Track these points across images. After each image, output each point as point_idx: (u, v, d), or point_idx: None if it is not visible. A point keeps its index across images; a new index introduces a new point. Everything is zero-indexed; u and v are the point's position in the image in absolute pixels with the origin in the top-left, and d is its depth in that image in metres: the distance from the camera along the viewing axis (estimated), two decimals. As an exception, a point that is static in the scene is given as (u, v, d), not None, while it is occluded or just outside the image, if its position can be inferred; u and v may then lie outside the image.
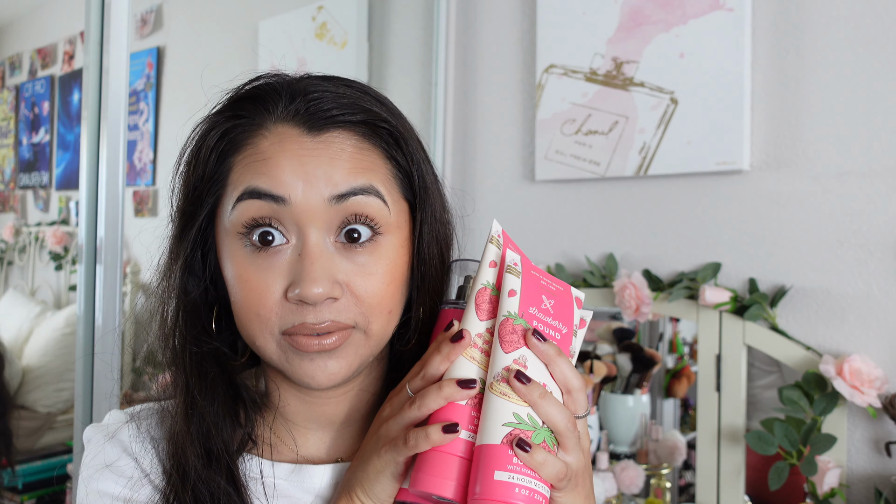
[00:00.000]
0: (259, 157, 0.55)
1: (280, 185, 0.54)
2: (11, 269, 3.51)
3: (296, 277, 0.54)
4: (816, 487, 1.15)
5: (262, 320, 0.55)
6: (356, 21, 2.04)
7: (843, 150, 1.22)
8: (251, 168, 0.55)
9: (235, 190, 0.56)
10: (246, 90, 0.60)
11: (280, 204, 0.54)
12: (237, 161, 0.57)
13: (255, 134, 0.57)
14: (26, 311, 3.04)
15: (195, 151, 0.60)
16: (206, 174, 0.58)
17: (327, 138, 0.56)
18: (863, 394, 1.12)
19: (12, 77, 3.76)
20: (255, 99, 0.59)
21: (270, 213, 0.54)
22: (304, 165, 0.54)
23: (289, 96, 0.58)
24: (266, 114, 0.58)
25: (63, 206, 3.30)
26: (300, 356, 0.55)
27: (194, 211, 0.59)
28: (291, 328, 0.54)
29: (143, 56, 2.85)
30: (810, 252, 1.25)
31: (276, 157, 0.55)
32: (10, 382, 2.67)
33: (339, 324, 0.55)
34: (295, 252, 0.55)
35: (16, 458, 2.24)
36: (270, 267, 0.55)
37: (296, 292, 0.53)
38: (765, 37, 1.30)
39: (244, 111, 0.58)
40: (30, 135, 3.60)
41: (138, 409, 0.64)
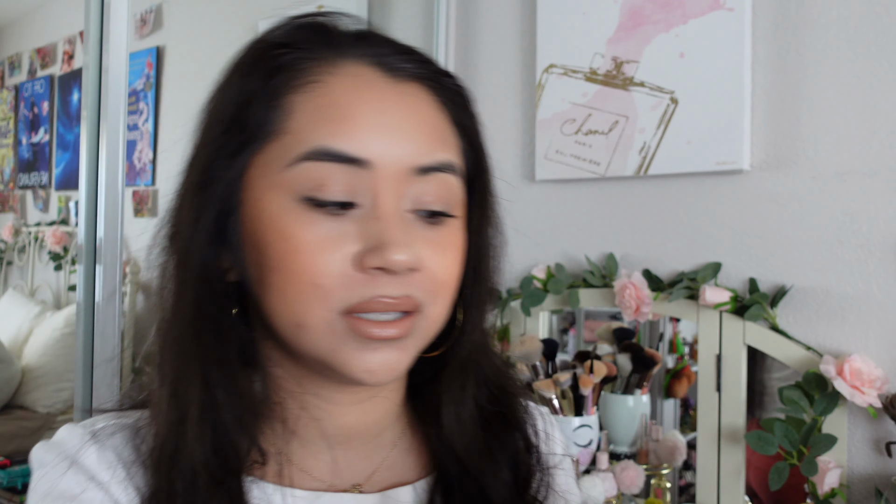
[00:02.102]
0: (330, 103, 0.45)
1: (359, 143, 0.45)
2: (11, 269, 3.51)
3: (375, 242, 0.44)
4: (817, 487, 1.15)
5: (321, 292, 0.44)
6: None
7: (843, 149, 1.22)
8: (321, 117, 0.45)
9: (299, 142, 0.45)
10: (301, 20, 0.50)
11: (357, 166, 0.45)
12: (298, 102, 0.46)
13: (320, 70, 0.47)
14: (26, 311, 3.04)
15: (235, 81, 0.48)
16: (250, 113, 0.46)
17: (406, 90, 0.48)
18: (863, 394, 1.12)
19: (12, 77, 3.76)
20: (317, 29, 0.49)
21: (343, 175, 0.45)
22: (388, 119, 0.46)
23: (355, 34, 0.49)
24: (331, 47, 0.48)
25: (62, 206, 3.30)
26: (359, 343, 0.46)
27: (228, 156, 0.47)
28: (360, 303, 0.45)
29: (142, 56, 2.85)
30: (810, 252, 1.25)
31: (354, 106, 0.45)
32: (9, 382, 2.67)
33: (412, 300, 0.46)
34: (367, 215, 0.45)
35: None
36: (335, 229, 0.45)
37: (379, 258, 0.44)
38: (765, 37, 1.30)
39: (302, 42, 0.48)
40: (29, 135, 3.60)
41: (100, 426, 0.50)
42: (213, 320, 0.47)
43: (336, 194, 0.45)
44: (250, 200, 0.47)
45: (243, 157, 0.47)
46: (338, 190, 0.45)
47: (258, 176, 0.46)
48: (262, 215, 0.46)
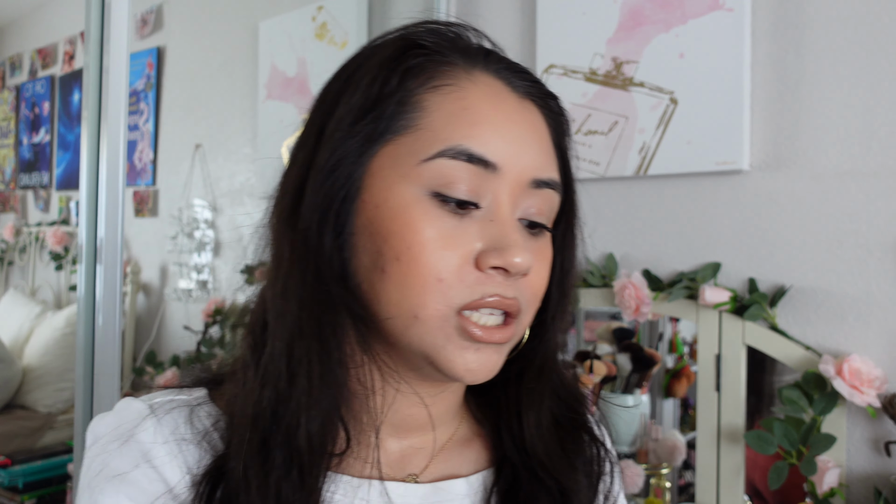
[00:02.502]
0: (467, 106, 0.48)
1: (491, 148, 0.47)
2: (12, 269, 3.51)
3: (497, 243, 0.47)
4: (816, 487, 1.15)
5: (443, 287, 0.46)
6: (356, 21, 2.04)
7: (842, 150, 1.22)
8: (458, 118, 0.47)
9: (435, 140, 0.47)
10: (438, 26, 0.52)
11: (487, 169, 0.47)
12: (435, 101, 0.48)
13: (456, 75, 0.49)
14: (27, 310, 3.04)
15: (370, 71, 0.49)
16: (385, 105, 0.48)
17: (527, 106, 0.51)
18: (862, 393, 1.12)
19: (13, 77, 3.76)
20: (452, 37, 0.52)
21: (472, 176, 0.47)
22: (517, 130, 0.49)
23: (485, 49, 0.52)
24: (465, 56, 0.50)
25: (63, 206, 3.30)
26: (466, 342, 0.47)
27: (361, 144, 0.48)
28: (475, 301, 0.46)
29: (143, 56, 2.85)
30: (810, 252, 1.25)
31: (489, 113, 0.48)
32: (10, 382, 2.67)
33: (518, 304, 0.48)
34: (487, 217, 0.47)
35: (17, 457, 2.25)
36: (459, 227, 0.47)
37: (502, 259, 0.46)
38: (765, 37, 1.30)
39: (439, 46, 0.50)
40: (30, 135, 3.60)
41: (159, 400, 0.51)
42: (330, 304, 0.48)
43: (464, 193, 0.47)
44: (374, 189, 0.48)
45: (373, 147, 0.48)
46: (466, 189, 0.47)
47: (386, 166, 0.48)
48: (387, 205, 0.47)
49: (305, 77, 2.17)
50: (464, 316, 0.47)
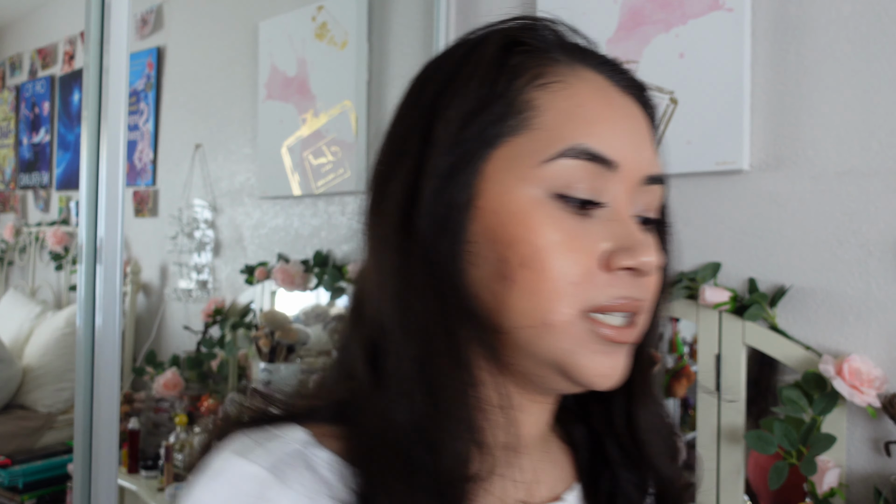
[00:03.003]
0: (580, 103, 0.46)
1: (610, 146, 0.45)
2: (12, 269, 3.51)
3: (626, 242, 0.45)
4: (816, 487, 1.15)
5: (574, 291, 0.44)
6: (356, 21, 2.04)
7: (842, 149, 1.22)
8: (574, 117, 0.46)
9: (554, 139, 0.45)
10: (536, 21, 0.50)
11: (607, 168, 0.45)
12: (546, 100, 0.46)
13: (562, 72, 0.47)
14: (27, 310, 3.04)
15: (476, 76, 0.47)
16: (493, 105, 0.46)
17: (630, 101, 0.49)
18: (862, 393, 1.12)
19: (13, 77, 3.76)
20: (552, 32, 0.50)
21: (595, 176, 0.45)
22: (631, 126, 0.48)
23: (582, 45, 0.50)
24: (565, 51, 0.49)
25: (63, 206, 3.30)
26: (598, 346, 0.45)
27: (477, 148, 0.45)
28: (606, 304, 0.44)
29: (143, 56, 2.85)
30: (810, 252, 1.25)
31: (603, 110, 0.47)
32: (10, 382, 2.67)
33: (644, 305, 0.47)
34: (608, 216, 0.46)
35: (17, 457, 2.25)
36: (582, 228, 0.45)
37: (633, 259, 0.44)
38: (764, 37, 1.30)
39: (541, 42, 0.49)
40: (30, 135, 3.60)
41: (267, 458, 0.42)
42: (458, 317, 0.45)
43: (586, 193, 0.45)
44: (490, 194, 0.45)
45: (486, 150, 0.46)
46: (587, 189, 0.45)
47: (502, 169, 0.45)
48: (506, 210, 0.45)
49: (305, 77, 2.17)
50: (593, 319, 0.45)
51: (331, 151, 2.09)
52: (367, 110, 2.04)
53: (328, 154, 2.10)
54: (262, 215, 2.35)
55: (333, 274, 2.01)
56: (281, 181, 2.22)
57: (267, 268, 2.23)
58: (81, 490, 1.17)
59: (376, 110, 2.04)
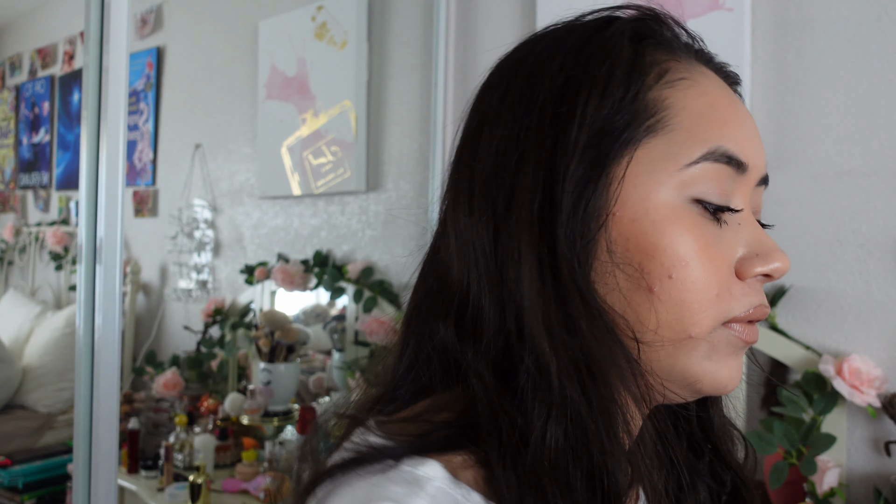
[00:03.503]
0: (712, 103, 0.44)
1: (745, 150, 0.44)
2: (12, 269, 3.51)
3: (758, 248, 0.43)
4: (816, 487, 1.15)
5: (718, 301, 0.42)
6: (356, 21, 2.04)
7: (842, 150, 1.22)
8: (709, 117, 0.43)
9: (696, 141, 0.42)
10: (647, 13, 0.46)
11: (738, 171, 0.43)
12: (678, 99, 0.43)
13: (685, 68, 0.44)
14: (26, 310, 3.04)
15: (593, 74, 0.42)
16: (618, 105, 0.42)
17: (738, 100, 0.47)
18: (862, 393, 1.12)
19: (12, 77, 3.76)
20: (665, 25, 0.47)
21: (728, 179, 0.43)
22: (750, 126, 0.45)
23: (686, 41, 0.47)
24: (685, 47, 0.46)
25: (63, 206, 3.30)
26: (731, 352, 0.43)
27: (612, 143, 0.42)
28: (747, 312, 0.43)
29: (143, 56, 2.85)
30: (810, 252, 1.25)
31: (731, 111, 0.44)
32: (10, 382, 2.68)
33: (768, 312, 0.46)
34: (735, 220, 0.44)
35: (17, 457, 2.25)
36: (718, 234, 0.42)
37: (769, 266, 0.43)
38: (764, 37, 1.30)
39: (658, 36, 0.45)
40: (30, 135, 3.60)
41: (425, 496, 0.37)
42: (605, 333, 0.41)
43: (722, 197, 0.43)
44: (629, 201, 0.42)
45: (623, 155, 0.42)
46: (718, 193, 0.43)
47: (640, 174, 0.42)
48: (647, 217, 0.41)
49: (305, 77, 2.17)
50: (729, 326, 0.43)
51: (330, 151, 2.09)
52: (366, 110, 2.04)
53: (328, 154, 2.10)
54: (261, 215, 2.35)
55: (333, 274, 2.01)
56: (281, 181, 2.22)
57: (267, 268, 2.23)
58: (81, 490, 1.17)
59: (376, 110, 2.04)
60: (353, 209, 2.07)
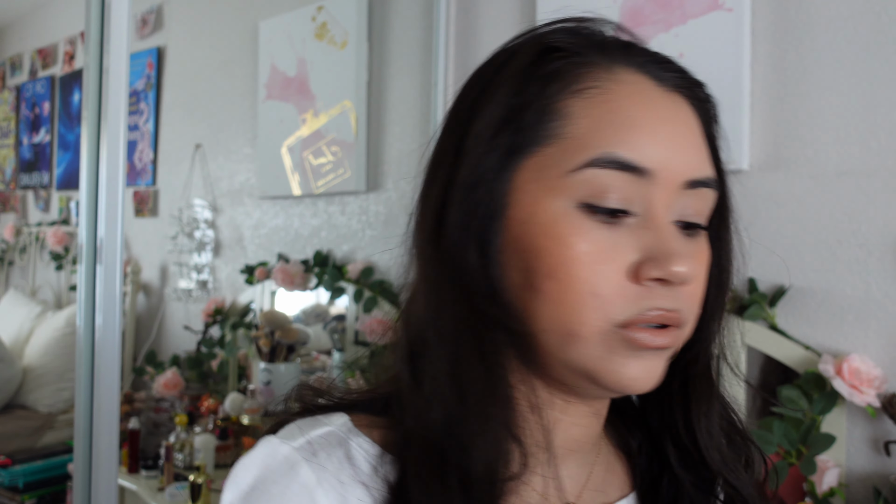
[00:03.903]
0: (613, 109, 0.45)
1: (644, 154, 0.44)
2: (12, 268, 3.51)
3: (655, 252, 0.44)
4: (815, 487, 1.15)
5: (599, 302, 0.43)
6: (356, 21, 2.04)
7: (842, 150, 1.22)
8: (605, 124, 0.44)
9: (583, 149, 0.44)
10: (571, 23, 0.48)
11: (638, 176, 0.44)
12: (579, 107, 0.45)
13: (597, 76, 0.46)
14: (27, 310, 3.05)
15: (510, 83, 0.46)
16: (524, 115, 0.45)
17: (676, 100, 0.47)
18: (862, 393, 1.12)
19: (13, 77, 3.77)
20: (588, 34, 0.48)
21: (623, 183, 0.44)
22: (667, 129, 0.45)
23: (624, 42, 0.49)
24: (603, 53, 0.47)
25: (63, 206, 3.30)
26: (630, 352, 0.44)
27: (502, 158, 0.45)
28: (638, 315, 0.43)
29: (143, 56, 2.85)
30: (809, 252, 1.25)
31: (637, 114, 0.45)
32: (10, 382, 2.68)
33: (681, 316, 0.45)
34: (640, 225, 0.45)
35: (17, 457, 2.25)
36: (613, 239, 0.44)
37: (661, 269, 0.43)
38: (764, 37, 1.30)
39: (576, 46, 0.47)
40: (30, 135, 3.60)
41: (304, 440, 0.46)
42: (486, 322, 0.46)
43: (614, 202, 0.44)
44: (520, 204, 0.45)
45: (516, 160, 0.45)
46: (616, 198, 0.44)
47: (531, 180, 0.45)
48: (534, 220, 0.45)
49: (305, 77, 2.17)
50: (628, 328, 0.44)
51: (331, 151, 2.09)
52: (366, 110, 2.04)
53: (328, 154, 2.10)
54: (262, 215, 2.35)
55: (333, 274, 2.01)
56: (281, 181, 2.23)
57: (267, 268, 2.23)
58: (82, 490, 1.17)
59: (376, 110, 2.04)
60: (353, 209, 2.07)
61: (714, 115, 0.51)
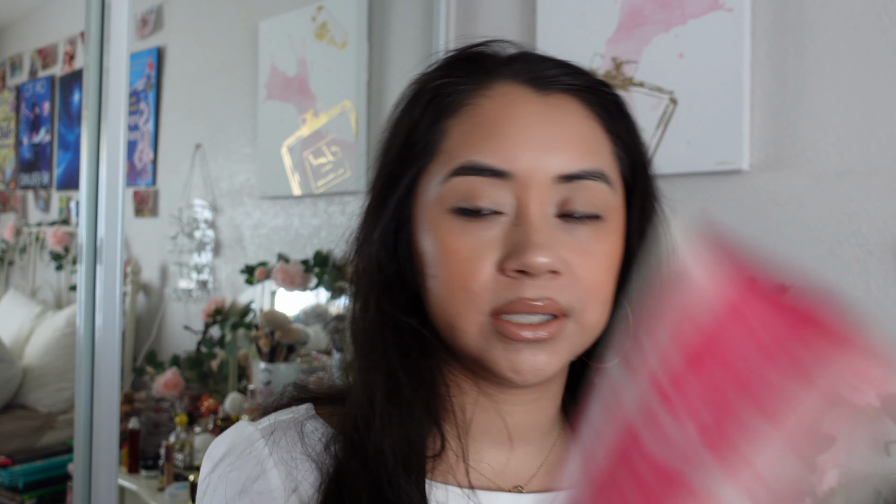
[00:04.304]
0: (480, 122, 0.50)
1: (504, 157, 0.48)
2: (12, 269, 3.51)
3: (515, 246, 0.47)
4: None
5: (470, 296, 0.48)
6: (356, 21, 2.04)
7: (842, 149, 1.22)
8: (471, 135, 0.50)
9: (451, 160, 0.50)
10: (458, 52, 0.54)
11: (502, 178, 0.48)
12: (453, 125, 0.51)
13: (474, 93, 0.51)
14: (27, 310, 3.05)
15: (404, 112, 0.54)
16: (415, 138, 0.52)
17: (553, 101, 0.51)
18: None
19: (13, 77, 3.77)
20: (472, 58, 0.54)
21: (490, 187, 0.49)
22: (533, 132, 0.49)
23: (507, 57, 0.53)
24: (485, 72, 0.52)
25: (63, 206, 3.30)
26: (506, 344, 0.48)
27: (398, 177, 0.53)
28: (505, 305, 0.47)
29: (143, 56, 2.85)
30: (809, 252, 1.25)
31: (501, 122, 0.50)
32: (10, 382, 2.68)
33: (555, 304, 0.48)
34: (512, 222, 0.49)
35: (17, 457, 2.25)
36: (482, 237, 0.48)
37: (518, 261, 0.46)
38: (764, 37, 1.31)
39: (460, 70, 0.53)
40: (30, 135, 3.60)
41: (269, 423, 0.53)
42: (393, 318, 0.52)
43: (481, 203, 0.49)
44: (416, 216, 0.52)
45: (411, 178, 0.52)
46: (484, 200, 0.49)
47: (422, 193, 0.52)
48: (423, 227, 0.51)
49: (305, 77, 2.17)
50: (500, 319, 0.48)
51: (331, 151, 2.09)
52: (367, 110, 2.04)
53: (328, 154, 2.10)
54: (262, 215, 2.35)
55: (333, 274, 2.01)
56: (281, 181, 2.23)
57: (267, 268, 2.23)
58: (82, 490, 1.17)
59: (376, 110, 2.04)
60: (353, 209, 2.07)
61: (616, 112, 0.54)
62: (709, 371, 0.36)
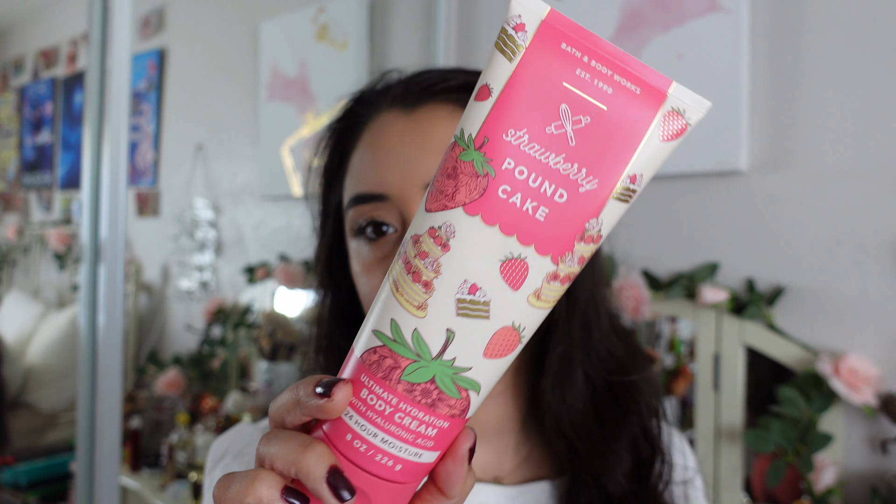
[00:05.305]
0: (363, 154, 0.55)
1: (379, 182, 0.53)
2: (15, 268, 3.52)
3: None
4: (813, 485, 1.15)
5: None
6: (357, 22, 2.05)
7: (840, 150, 1.23)
8: (358, 168, 0.55)
9: (347, 195, 0.56)
10: (357, 92, 0.61)
11: (383, 201, 0.53)
12: (356, 155, 0.56)
13: (363, 129, 0.57)
14: (30, 310, 3.06)
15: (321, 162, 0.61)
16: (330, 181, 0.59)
17: (420, 115, 0.54)
18: (859, 392, 1.13)
19: (16, 78, 3.78)
20: (362, 98, 0.59)
21: (374, 211, 0.53)
22: (401, 150, 0.53)
23: (385, 86, 0.58)
24: (370, 106, 0.57)
25: (66, 207, 3.31)
26: None
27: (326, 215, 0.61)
28: None
29: (145, 57, 2.86)
30: (808, 252, 1.25)
31: (375, 150, 0.54)
32: (13, 381, 2.69)
33: None
34: (400, 236, 0.53)
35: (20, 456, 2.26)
36: (376, 254, 0.53)
37: None
38: (763, 38, 1.31)
39: (356, 110, 0.59)
40: (33, 136, 3.62)
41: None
42: (348, 319, 0.61)
43: (371, 226, 0.54)
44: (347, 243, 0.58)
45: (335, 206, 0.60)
46: (372, 223, 0.54)
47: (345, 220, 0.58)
48: (350, 254, 0.57)
49: (306, 78, 2.18)
50: None
51: (332, 152, 2.09)
52: (367, 111, 2.04)
53: (329, 154, 2.10)
54: (263, 215, 2.36)
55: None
56: (282, 181, 2.23)
57: (268, 267, 2.24)
58: (84, 488, 1.18)
59: (377, 111, 2.04)
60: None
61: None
62: None
